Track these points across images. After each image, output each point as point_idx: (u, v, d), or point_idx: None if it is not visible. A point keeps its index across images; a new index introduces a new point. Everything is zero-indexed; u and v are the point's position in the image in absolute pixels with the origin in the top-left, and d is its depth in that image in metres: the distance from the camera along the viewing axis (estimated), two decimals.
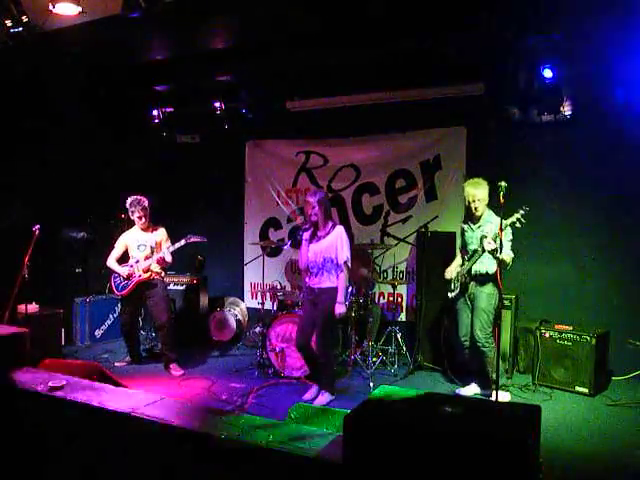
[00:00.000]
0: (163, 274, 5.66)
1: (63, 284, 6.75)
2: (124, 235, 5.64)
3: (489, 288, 4.57)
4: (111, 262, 5.58)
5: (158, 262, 5.47)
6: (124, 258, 5.63)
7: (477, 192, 4.55)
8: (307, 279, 4.67)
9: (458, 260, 4.90)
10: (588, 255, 5.42)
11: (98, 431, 2.63)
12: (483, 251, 4.44)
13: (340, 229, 4.58)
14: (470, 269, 4.62)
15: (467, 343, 4.74)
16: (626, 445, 3.86)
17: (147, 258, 5.45)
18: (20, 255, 5.06)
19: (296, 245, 4.72)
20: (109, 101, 6.82)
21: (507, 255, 4.40)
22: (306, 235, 4.60)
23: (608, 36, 4.69)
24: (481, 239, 4.51)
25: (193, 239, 5.41)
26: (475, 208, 4.59)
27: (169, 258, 5.44)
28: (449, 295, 4.83)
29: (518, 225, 4.24)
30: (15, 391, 2.93)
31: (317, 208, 4.49)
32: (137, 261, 5.46)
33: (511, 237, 4.48)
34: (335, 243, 4.50)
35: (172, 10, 4.38)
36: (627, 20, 4.41)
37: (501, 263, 4.26)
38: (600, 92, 5.19)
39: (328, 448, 2.10)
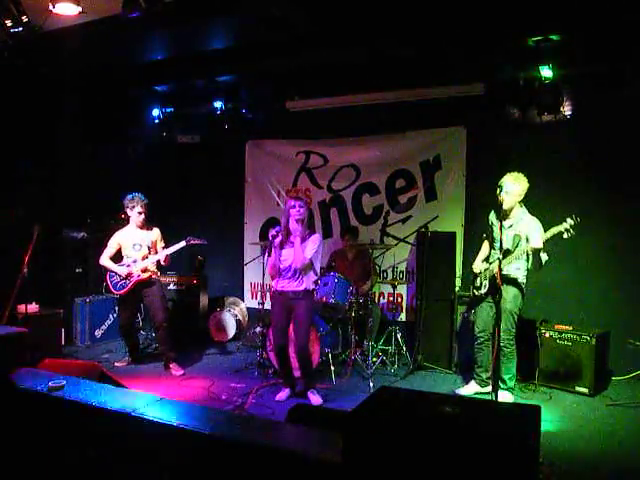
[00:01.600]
0: (159, 273, 5.66)
1: (63, 284, 6.74)
2: (118, 234, 5.59)
3: (515, 289, 4.52)
4: (106, 261, 5.52)
5: (157, 262, 5.49)
6: (115, 257, 5.59)
7: (508, 185, 4.31)
8: (278, 283, 4.60)
9: (484, 251, 4.81)
10: (588, 254, 5.44)
11: (98, 431, 2.63)
12: (523, 255, 4.33)
13: (317, 236, 4.58)
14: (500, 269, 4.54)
15: (482, 338, 4.69)
16: (626, 445, 3.86)
17: (144, 258, 5.45)
18: (20, 255, 5.06)
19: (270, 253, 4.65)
20: (109, 101, 6.82)
21: (544, 259, 4.36)
22: (276, 241, 4.57)
23: (608, 36, 4.70)
24: (514, 238, 4.40)
25: (193, 241, 5.41)
26: (500, 201, 4.26)
27: (164, 259, 5.47)
28: (476, 292, 4.76)
29: (566, 236, 4.09)
30: (15, 391, 2.92)
31: (304, 209, 4.50)
32: (134, 261, 5.45)
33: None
34: (311, 247, 4.49)
35: (172, 10, 4.39)
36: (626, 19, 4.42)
37: (536, 264, 4.28)
38: (600, 92, 5.20)
39: (328, 448, 2.10)
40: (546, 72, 5.11)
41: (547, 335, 5.05)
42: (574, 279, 5.49)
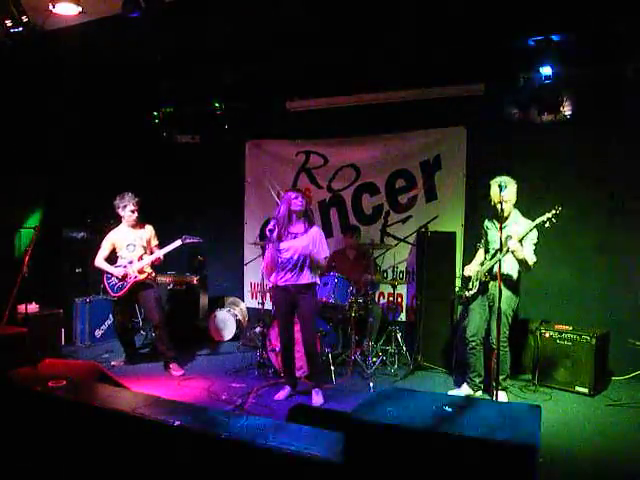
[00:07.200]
0: (154, 274, 5.65)
1: (63, 284, 6.74)
2: (111, 234, 5.57)
3: (509, 291, 4.49)
4: (101, 262, 5.51)
5: (153, 263, 5.49)
6: (110, 259, 5.58)
7: (504, 193, 4.24)
8: (279, 277, 4.59)
9: (479, 258, 4.82)
10: (589, 253, 5.44)
11: (98, 431, 2.63)
12: (507, 251, 4.28)
13: (318, 228, 4.64)
14: (491, 268, 4.52)
15: (474, 343, 4.68)
16: (626, 445, 3.86)
17: (140, 259, 5.44)
18: (20, 255, 5.05)
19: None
20: (109, 101, 6.81)
21: (530, 258, 4.34)
22: (274, 235, 4.54)
23: (608, 36, 4.70)
24: (506, 239, 4.39)
25: (188, 240, 5.40)
26: (501, 209, 4.27)
27: (161, 258, 5.48)
28: (466, 293, 4.75)
29: (548, 225, 4.16)
30: (15, 391, 2.92)
31: (304, 200, 4.52)
32: (131, 262, 5.44)
33: (535, 240, 4.38)
34: (314, 240, 4.53)
35: (172, 10, 4.38)
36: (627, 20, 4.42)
37: (521, 264, 4.27)
38: (600, 92, 5.20)
39: (328, 448, 2.10)
40: (546, 72, 5.11)
41: (547, 335, 5.05)
42: (574, 279, 5.48)
